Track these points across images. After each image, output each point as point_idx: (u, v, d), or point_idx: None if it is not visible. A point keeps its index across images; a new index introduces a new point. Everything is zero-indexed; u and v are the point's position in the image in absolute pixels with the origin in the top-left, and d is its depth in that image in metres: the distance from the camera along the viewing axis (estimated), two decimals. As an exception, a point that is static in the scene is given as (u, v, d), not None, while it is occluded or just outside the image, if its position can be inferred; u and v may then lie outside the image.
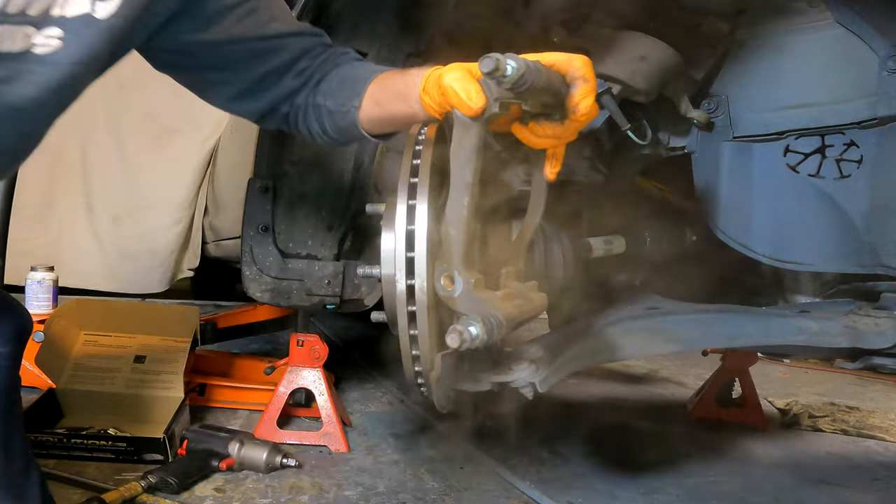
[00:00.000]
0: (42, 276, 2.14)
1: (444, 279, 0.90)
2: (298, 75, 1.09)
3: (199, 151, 3.56)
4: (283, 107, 1.12)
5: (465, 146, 0.86)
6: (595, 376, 2.93)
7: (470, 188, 0.88)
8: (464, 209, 0.88)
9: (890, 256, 1.16)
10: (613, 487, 1.64)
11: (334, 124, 1.10)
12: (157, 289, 3.61)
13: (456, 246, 0.89)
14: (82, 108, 3.97)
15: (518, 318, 0.92)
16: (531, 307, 1.03)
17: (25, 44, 0.84)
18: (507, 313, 0.87)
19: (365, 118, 1.06)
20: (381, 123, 1.07)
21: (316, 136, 1.14)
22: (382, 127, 1.09)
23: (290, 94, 1.10)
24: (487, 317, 0.82)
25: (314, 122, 1.11)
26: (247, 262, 1.69)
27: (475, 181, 0.88)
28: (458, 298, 0.88)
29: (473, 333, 0.81)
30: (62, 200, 3.61)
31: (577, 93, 0.89)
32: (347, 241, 1.74)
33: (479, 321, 0.81)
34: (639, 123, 1.38)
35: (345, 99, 1.06)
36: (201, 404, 2.04)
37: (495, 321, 0.83)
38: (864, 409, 2.66)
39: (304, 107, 1.11)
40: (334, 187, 1.69)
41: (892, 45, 1.13)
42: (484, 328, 0.81)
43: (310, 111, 1.10)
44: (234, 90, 1.10)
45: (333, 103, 1.07)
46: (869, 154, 1.18)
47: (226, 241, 2.78)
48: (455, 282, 0.88)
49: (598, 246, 1.47)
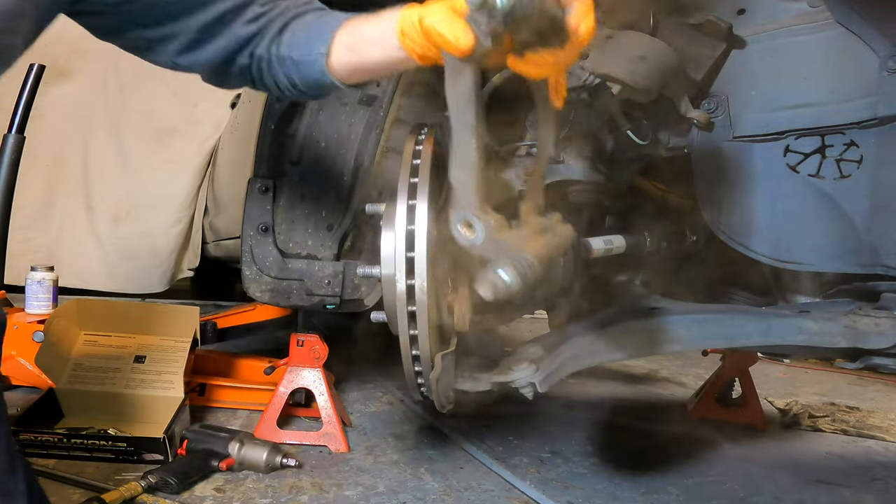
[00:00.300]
0: (42, 276, 2.14)
1: (462, 227, 0.81)
2: (251, 22, 1.04)
3: (199, 151, 3.57)
4: (239, 58, 1.07)
5: (461, 89, 0.81)
6: (595, 376, 2.93)
7: (475, 129, 0.82)
8: (474, 151, 0.82)
9: (890, 256, 1.16)
10: (614, 487, 1.64)
11: (301, 75, 1.05)
12: (157, 289, 3.61)
13: (469, 190, 0.82)
14: (82, 108, 3.98)
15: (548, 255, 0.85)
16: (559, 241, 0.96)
17: None
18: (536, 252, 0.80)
19: (338, 67, 1.01)
20: (356, 72, 1.02)
21: (284, 89, 1.10)
22: (358, 76, 1.04)
23: (245, 43, 1.05)
24: (517, 260, 0.75)
25: (280, 75, 1.07)
26: (247, 262, 1.69)
27: (479, 122, 0.82)
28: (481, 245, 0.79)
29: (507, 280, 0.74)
30: (62, 200, 3.61)
31: (576, 13, 0.84)
32: (347, 241, 1.74)
33: (509, 265, 0.74)
34: (639, 123, 1.38)
35: (310, 48, 1.02)
36: (201, 404, 2.04)
37: (527, 263, 0.76)
38: (864, 409, 2.66)
39: (268, 59, 1.06)
40: (334, 187, 1.69)
41: (892, 45, 1.13)
42: (516, 272, 0.74)
43: (274, 63, 1.06)
44: (180, 44, 1.05)
45: (299, 53, 1.03)
46: (869, 154, 1.18)
47: (226, 241, 2.78)
48: (474, 228, 0.80)
49: (598, 246, 1.47)
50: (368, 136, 1.66)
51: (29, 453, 1.53)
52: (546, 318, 1.60)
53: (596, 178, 1.43)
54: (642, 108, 1.38)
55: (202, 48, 1.06)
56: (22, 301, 2.13)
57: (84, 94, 3.53)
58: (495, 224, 0.81)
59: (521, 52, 0.88)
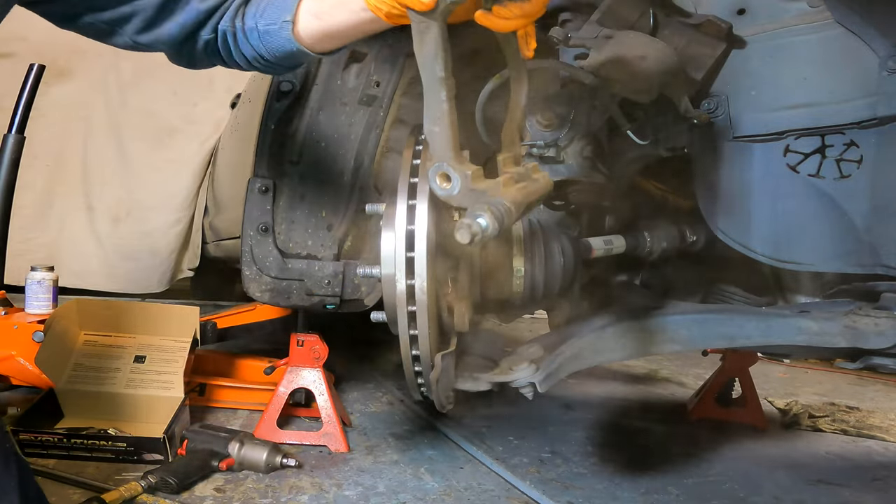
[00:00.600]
0: (42, 276, 2.14)
1: (440, 178, 0.84)
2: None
3: (199, 151, 3.57)
4: (202, 33, 1.07)
5: (428, 44, 0.83)
6: (595, 376, 2.93)
7: (444, 82, 0.84)
8: (443, 103, 0.84)
9: (890, 256, 1.16)
10: (614, 487, 1.64)
11: (268, 47, 1.05)
12: (157, 289, 3.62)
13: (443, 141, 0.85)
14: (82, 108, 3.97)
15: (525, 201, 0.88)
16: (537, 187, 0.99)
17: None
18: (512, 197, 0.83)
19: (305, 35, 1.02)
20: (324, 38, 1.03)
21: (253, 61, 1.10)
22: (328, 42, 1.04)
23: (206, 17, 1.06)
24: (493, 205, 0.78)
25: (248, 48, 1.07)
26: (247, 262, 1.69)
27: (448, 75, 0.84)
28: (459, 195, 0.83)
29: (483, 224, 0.76)
30: (62, 200, 3.61)
31: None
32: (347, 241, 1.74)
33: (486, 210, 0.77)
34: (639, 123, 1.38)
35: (275, 17, 1.02)
36: (201, 404, 2.04)
37: (503, 208, 0.78)
38: (864, 409, 2.66)
39: (233, 32, 1.06)
40: (334, 187, 1.69)
41: (892, 45, 1.13)
42: (492, 216, 0.77)
43: (239, 36, 1.06)
44: (138, 23, 1.05)
45: (264, 23, 1.03)
46: (869, 154, 1.18)
47: (226, 241, 2.78)
48: (451, 178, 0.84)
49: (598, 246, 1.47)
50: (368, 136, 1.66)
51: (29, 453, 1.53)
52: (546, 318, 1.60)
53: (596, 178, 1.43)
54: (642, 108, 1.38)
55: (161, 25, 1.06)
56: (22, 301, 2.13)
57: (84, 94, 3.53)
58: (472, 174, 0.84)
59: (489, 6, 0.90)
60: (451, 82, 0.85)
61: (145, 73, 3.56)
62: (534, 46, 0.98)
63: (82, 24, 1.07)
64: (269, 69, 1.13)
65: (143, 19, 1.05)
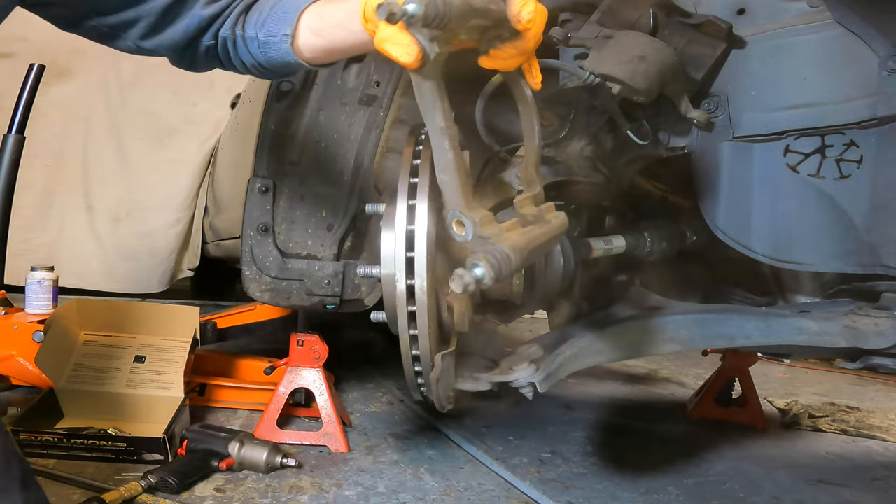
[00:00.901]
0: (42, 276, 2.14)
1: (455, 225, 0.86)
2: (212, 2, 1.06)
3: (199, 151, 3.58)
4: (204, 39, 1.08)
5: (425, 95, 0.83)
6: (595, 376, 2.93)
7: (446, 131, 0.85)
8: (448, 152, 0.85)
9: (890, 256, 1.16)
10: (614, 487, 1.64)
11: (267, 56, 1.07)
12: (157, 289, 3.62)
13: (453, 189, 0.86)
14: (82, 108, 3.97)
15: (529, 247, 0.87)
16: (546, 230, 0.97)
17: None
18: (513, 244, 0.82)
19: (305, 48, 1.03)
20: (325, 53, 1.04)
21: (251, 68, 1.12)
22: (326, 56, 1.06)
23: (208, 24, 1.07)
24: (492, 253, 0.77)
25: (247, 55, 1.09)
26: (247, 262, 1.69)
27: (448, 124, 0.85)
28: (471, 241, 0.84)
29: (479, 275, 0.75)
30: (62, 200, 3.62)
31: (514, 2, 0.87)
32: (347, 241, 1.74)
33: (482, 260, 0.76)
34: (639, 123, 1.38)
35: (276, 29, 1.03)
36: (201, 404, 2.04)
37: (501, 256, 0.77)
38: (864, 409, 2.66)
39: (233, 39, 1.08)
40: (334, 187, 1.69)
41: (892, 45, 1.13)
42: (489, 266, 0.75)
43: (240, 43, 1.08)
44: (142, 28, 1.06)
45: (265, 34, 1.05)
46: (869, 154, 1.18)
47: (226, 241, 2.78)
48: (465, 225, 0.85)
49: (598, 246, 1.47)
50: (368, 136, 1.66)
51: (29, 453, 1.53)
52: (546, 318, 1.61)
53: (596, 178, 1.43)
54: (642, 108, 1.38)
55: (165, 31, 1.07)
56: (22, 301, 2.13)
57: (84, 94, 3.54)
58: (480, 219, 0.85)
59: (487, 51, 0.92)
60: (453, 131, 0.85)
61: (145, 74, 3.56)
62: (539, 79, 0.98)
63: (86, 28, 1.08)
64: (266, 75, 1.15)
65: (146, 24, 1.06)
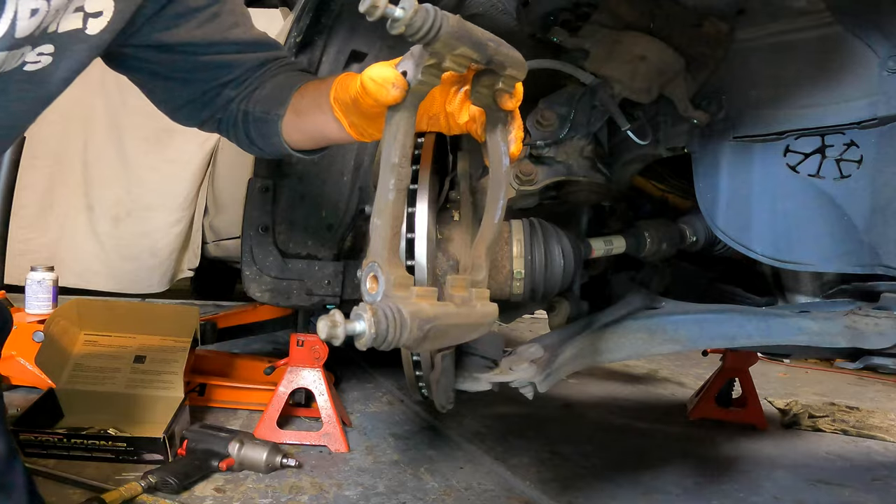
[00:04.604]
0: (42, 276, 2.14)
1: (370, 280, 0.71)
2: (239, 85, 1.06)
3: (199, 151, 3.57)
4: (219, 114, 1.09)
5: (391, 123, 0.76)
6: (595, 376, 2.94)
7: (396, 169, 0.74)
8: (390, 193, 0.74)
9: (890, 256, 1.16)
10: (614, 487, 1.64)
11: (259, 132, 1.06)
12: (157, 289, 3.62)
13: (381, 238, 0.73)
14: (82, 108, 3.98)
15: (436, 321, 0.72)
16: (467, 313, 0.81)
17: (18, 62, 0.83)
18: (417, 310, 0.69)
19: (288, 130, 1.01)
20: (303, 136, 1.01)
21: (244, 143, 1.11)
22: (306, 141, 1.02)
23: (228, 103, 1.07)
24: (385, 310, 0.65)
25: (241, 130, 1.08)
26: (247, 262, 1.69)
27: (403, 162, 0.75)
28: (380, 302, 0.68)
29: (356, 330, 0.63)
30: (62, 200, 3.61)
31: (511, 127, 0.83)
32: (347, 241, 1.73)
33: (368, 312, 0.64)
34: (639, 123, 1.38)
35: (270, 106, 1.02)
36: (201, 404, 2.04)
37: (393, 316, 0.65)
38: (864, 409, 2.66)
39: (236, 112, 1.07)
40: (334, 187, 1.69)
41: (892, 45, 1.13)
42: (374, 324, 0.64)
43: (239, 117, 1.07)
44: (182, 100, 1.08)
45: (260, 110, 1.03)
46: (869, 154, 1.18)
47: (226, 241, 2.78)
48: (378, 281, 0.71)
49: (598, 246, 1.47)
50: (368, 137, 1.66)
51: (29, 453, 1.53)
52: (546, 318, 1.60)
53: (596, 177, 1.43)
54: (642, 108, 1.38)
55: (200, 109, 1.09)
56: (22, 301, 2.13)
57: (84, 94, 3.53)
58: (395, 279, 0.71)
59: None
60: (404, 172, 0.75)
61: (145, 74, 3.56)
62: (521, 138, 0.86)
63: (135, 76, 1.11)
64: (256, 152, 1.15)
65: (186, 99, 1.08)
